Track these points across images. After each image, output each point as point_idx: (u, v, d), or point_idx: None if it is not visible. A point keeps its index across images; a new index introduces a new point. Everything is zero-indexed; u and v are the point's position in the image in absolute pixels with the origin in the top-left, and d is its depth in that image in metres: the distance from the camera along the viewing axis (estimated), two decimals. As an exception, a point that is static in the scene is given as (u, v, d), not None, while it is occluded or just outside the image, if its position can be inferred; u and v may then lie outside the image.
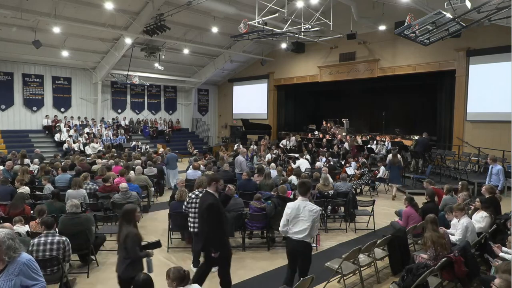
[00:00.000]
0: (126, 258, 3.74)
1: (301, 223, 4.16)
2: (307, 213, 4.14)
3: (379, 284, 5.18)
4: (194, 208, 5.33)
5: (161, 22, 14.28)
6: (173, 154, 11.92)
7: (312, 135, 18.59)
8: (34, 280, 2.78)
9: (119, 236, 3.81)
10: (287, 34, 14.08)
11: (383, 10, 14.64)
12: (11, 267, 2.71)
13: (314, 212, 4.15)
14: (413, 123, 17.56)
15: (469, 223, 5.28)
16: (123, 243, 3.74)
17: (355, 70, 17.47)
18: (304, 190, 4.30)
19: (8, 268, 2.70)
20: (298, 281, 3.80)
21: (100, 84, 19.04)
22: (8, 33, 14.42)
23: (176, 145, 20.32)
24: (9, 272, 2.70)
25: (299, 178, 8.48)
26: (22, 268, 2.72)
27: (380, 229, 7.46)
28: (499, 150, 12.22)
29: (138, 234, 3.82)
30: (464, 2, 7.49)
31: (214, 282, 5.24)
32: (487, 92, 13.43)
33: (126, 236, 3.71)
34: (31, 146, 15.85)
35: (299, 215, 4.18)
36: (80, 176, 8.01)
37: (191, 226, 5.39)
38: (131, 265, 3.73)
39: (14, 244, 2.71)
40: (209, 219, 4.32)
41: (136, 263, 3.76)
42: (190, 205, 5.41)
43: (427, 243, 4.76)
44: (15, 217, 5.42)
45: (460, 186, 7.37)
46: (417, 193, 10.02)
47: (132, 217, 3.89)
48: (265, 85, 21.93)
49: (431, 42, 9.08)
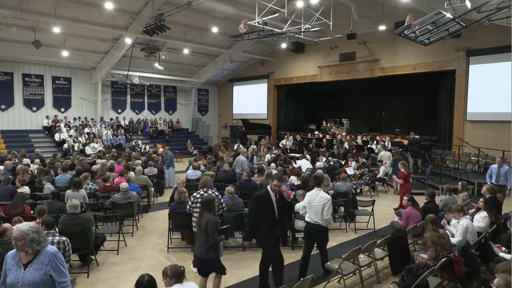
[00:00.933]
0: (207, 242, 4.22)
1: (314, 208, 4.97)
2: (319, 199, 4.94)
3: (379, 284, 5.18)
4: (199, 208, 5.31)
5: (161, 22, 14.28)
6: (171, 153, 12.18)
7: (312, 135, 18.60)
8: (61, 273, 2.90)
9: (200, 223, 4.32)
10: (287, 34, 14.08)
11: (383, 10, 14.64)
12: (40, 257, 2.83)
13: (324, 199, 4.94)
14: (413, 123, 17.55)
15: (468, 224, 5.28)
16: (204, 228, 4.23)
17: (355, 70, 17.47)
18: (317, 182, 5.20)
19: (38, 258, 2.82)
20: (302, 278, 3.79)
21: (100, 84, 19.04)
22: (8, 33, 14.42)
23: (176, 145, 20.32)
24: (39, 261, 2.82)
25: (299, 178, 8.48)
26: (51, 258, 2.86)
27: (380, 229, 7.46)
28: (499, 150, 12.22)
29: (217, 221, 4.40)
30: (464, 2, 7.49)
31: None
32: (487, 92, 13.43)
33: (207, 222, 4.22)
34: (31, 146, 15.85)
35: (313, 201, 5.00)
36: (80, 176, 8.02)
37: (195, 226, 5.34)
38: (212, 248, 4.26)
39: (38, 237, 2.83)
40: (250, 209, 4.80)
41: (215, 246, 4.31)
42: (195, 205, 5.37)
43: (427, 243, 4.76)
44: (15, 217, 5.41)
45: (460, 186, 7.37)
46: (417, 193, 10.02)
47: (212, 206, 4.46)
48: (265, 85, 21.94)
49: (431, 42, 9.08)
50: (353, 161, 11.84)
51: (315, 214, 4.96)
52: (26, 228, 2.81)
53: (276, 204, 4.60)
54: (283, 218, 4.83)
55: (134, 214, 7.29)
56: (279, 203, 4.65)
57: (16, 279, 2.76)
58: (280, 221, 4.70)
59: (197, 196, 5.42)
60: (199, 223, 4.37)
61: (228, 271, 5.51)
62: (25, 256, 2.83)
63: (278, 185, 4.58)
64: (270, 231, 4.61)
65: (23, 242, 2.78)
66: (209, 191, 5.44)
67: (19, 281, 2.76)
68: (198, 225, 4.39)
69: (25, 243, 2.78)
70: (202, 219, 4.33)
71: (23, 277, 2.76)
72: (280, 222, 4.69)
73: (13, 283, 2.76)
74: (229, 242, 6.76)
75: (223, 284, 5.13)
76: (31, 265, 2.80)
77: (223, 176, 9.56)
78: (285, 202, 4.90)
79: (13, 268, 2.81)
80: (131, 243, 6.67)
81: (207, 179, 5.69)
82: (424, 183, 11.46)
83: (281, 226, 4.79)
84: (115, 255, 6.14)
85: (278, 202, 4.64)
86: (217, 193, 5.62)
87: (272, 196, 4.61)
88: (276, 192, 4.62)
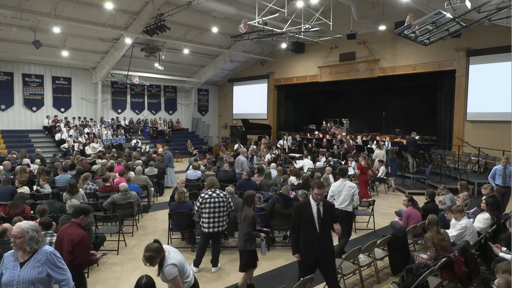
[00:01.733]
0: (245, 234, 4.51)
1: (342, 196, 5.71)
2: (347, 188, 5.71)
3: (379, 284, 5.18)
4: (208, 208, 5.30)
5: (161, 22, 14.28)
6: (170, 153, 12.22)
7: (312, 135, 18.60)
8: (61, 271, 2.91)
9: (240, 216, 4.62)
10: (287, 34, 14.06)
11: (383, 10, 14.64)
12: (37, 256, 2.85)
13: (352, 188, 5.73)
14: (413, 123, 17.56)
15: (469, 224, 5.28)
16: (243, 221, 4.51)
17: (355, 70, 17.47)
18: (343, 174, 5.93)
19: (34, 257, 2.84)
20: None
21: (100, 84, 19.04)
22: (8, 33, 14.42)
23: (176, 145, 20.32)
24: (36, 260, 2.84)
25: (298, 178, 8.49)
26: (48, 257, 2.86)
27: (380, 229, 7.46)
28: (499, 150, 12.23)
29: (254, 216, 4.61)
30: (464, 2, 7.50)
31: (214, 282, 5.26)
32: (487, 92, 13.43)
33: (245, 216, 4.52)
34: (31, 146, 15.86)
35: (341, 191, 5.74)
36: (80, 176, 8.01)
37: (206, 227, 5.31)
38: (248, 240, 4.55)
39: (37, 236, 2.86)
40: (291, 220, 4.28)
41: (251, 239, 4.58)
42: (203, 205, 5.32)
43: (427, 243, 4.75)
44: (15, 217, 5.41)
45: (460, 186, 7.37)
46: (417, 193, 10.03)
47: (251, 201, 4.71)
48: (265, 85, 21.94)
49: (431, 42, 9.09)
50: (353, 161, 11.83)
51: (343, 201, 5.67)
52: (26, 226, 2.84)
53: (317, 216, 3.95)
54: (326, 234, 4.02)
55: (134, 214, 7.29)
56: (323, 216, 3.97)
57: (12, 277, 2.78)
58: (322, 238, 3.96)
59: (205, 196, 5.37)
60: (239, 217, 4.63)
61: (228, 271, 5.54)
62: (22, 255, 2.85)
63: (319, 194, 3.94)
64: (305, 248, 3.99)
65: (22, 240, 2.80)
66: (217, 191, 5.43)
67: (15, 279, 2.78)
68: (239, 218, 4.66)
69: (24, 241, 2.80)
70: (242, 212, 4.60)
71: (18, 275, 2.78)
72: (321, 239, 3.95)
73: (9, 282, 2.78)
74: (229, 242, 6.77)
75: (224, 283, 5.15)
76: (28, 263, 2.82)
77: (223, 176, 9.56)
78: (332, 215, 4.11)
79: (9, 267, 2.83)
80: (131, 243, 6.68)
81: (214, 179, 5.67)
82: (424, 183, 11.46)
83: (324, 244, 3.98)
84: (115, 255, 6.15)
85: (321, 215, 3.95)
86: (225, 193, 5.60)
87: (314, 207, 3.98)
88: (319, 202, 3.98)
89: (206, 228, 5.31)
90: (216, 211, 5.31)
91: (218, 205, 5.32)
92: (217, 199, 5.33)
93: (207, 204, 5.30)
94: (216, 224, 5.31)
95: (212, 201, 5.31)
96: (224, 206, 5.39)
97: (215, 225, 5.31)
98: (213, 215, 5.29)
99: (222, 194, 5.43)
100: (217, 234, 5.42)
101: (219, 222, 5.34)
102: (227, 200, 5.46)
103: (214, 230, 5.31)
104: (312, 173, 9.94)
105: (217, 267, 5.56)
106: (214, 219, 5.30)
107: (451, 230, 5.36)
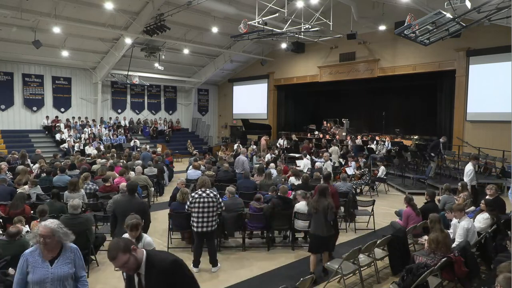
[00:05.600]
0: (327, 221, 5.11)
1: None
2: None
3: (379, 284, 5.18)
4: (197, 208, 5.32)
5: (161, 22, 14.28)
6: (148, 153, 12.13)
7: (312, 135, 18.60)
8: (82, 268, 3.01)
9: (318, 206, 5.10)
10: (287, 34, 14.06)
11: (383, 10, 14.64)
12: (66, 252, 2.91)
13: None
14: (413, 123, 17.57)
15: (469, 225, 5.27)
16: (324, 210, 5.06)
17: (355, 70, 17.47)
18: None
19: (63, 253, 2.90)
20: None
21: (100, 84, 19.03)
22: (8, 33, 14.42)
23: (176, 145, 20.33)
24: (65, 256, 2.91)
25: (298, 178, 8.49)
26: (76, 252, 2.96)
27: (380, 229, 7.46)
28: (499, 150, 12.23)
29: (333, 203, 5.21)
30: (464, 2, 7.50)
31: (214, 282, 5.26)
32: (487, 92, 13.42)
33: (328, 205, 5.08)
34: (31, 146, 15.86)
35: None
36: (81, 176, 8.00)
37: (195, 226, 5.36)
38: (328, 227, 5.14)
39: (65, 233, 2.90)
40: None
41: (335, 224, 5.49)
42: (193, 205, 5.37)
43: (431, 245, 4.73)
44: (15, 217, 5.42)
45: (460, 186, 7.36)
46: (417, 193, 10.03)
47: (327, 192, 5.26)
48: (265, 85, 21.93)
49: (431, 42, 9.08)
50: (353, 161, 11.84)
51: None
52: (54, 225, 2.84)
53: None
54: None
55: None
56: None
57: (45, 275, 2.80)
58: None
59: (195, 196, 5.40)
60: (317, 207, 5.10)
61: (228, 271, 5.54)
62: (47, 253, 2.85)
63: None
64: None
65: (52, 239, 2.81)
66: (207, 191, 5.44)
67: (48, 276, 2.80)
68: (316, 208, 5.11)
69: (55, 239, 2.82)
70: (320, 203, 5.10)
71: (52, 273, 2.81)
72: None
73: (42, 280, 2.79)
74: (229, 242, 6.77)
75: (224, 284, 5.16)
76: (58, 260, 2.85)
77: (223, 176, 9.56)
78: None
79: (38, 265, 2.82)
80: (131, 243, 6.66)
81: (205, 179, 5.69)
82: (424, 183, 11.46)
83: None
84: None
85: None
86: (216, 193, 5.61)
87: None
88: None
89: (196, 227, 5.36)
90: (205, 211, 5.32)
91: (207, 205, 5.33)
92: (207, 199, 5.34)
93: (197, 203, 5.32)
94: (205, 224, 5.33)
95: (202, 201, 5.32)
96: (214, 206, 5.40)
97: (204, 225, 5.32)
98: (202, 214, 5.31)
99: (212, 194, 5.43)
100: (208, 234, 5.43)
101: (208, 222, 5.35)
102: (217, 200, 5.47)
103: (203, 230, 5.33)
104: (311, 173, 9.94)
105: (217, 267, 5.56)
106: (203, 218, 5.32)
107: (456, 235, 5.33)
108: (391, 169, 12.96)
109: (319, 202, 5.14)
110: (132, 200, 5.16)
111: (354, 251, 4.78)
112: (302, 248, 6.53)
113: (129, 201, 5.15)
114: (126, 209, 4.77)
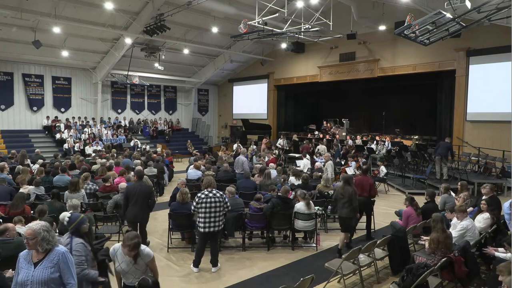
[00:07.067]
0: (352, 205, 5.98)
1: None
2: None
3: (379, 284, 5.18)
4: (204, 208, 5.30)
5: (161, 22, 14.28)
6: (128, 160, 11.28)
7: (312, 135, 18.60)
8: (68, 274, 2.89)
9: (344, 193, 5.98)
10: (287, 34, 14.06)
11: (383, 10, 14.65)
12: (50, 256, 2.86)
13: None
14: (413, 123, 17.56)
15: (469, 225, 5.27)
16: (349, 196, 5.93)
17: (355, 70, 17.47)
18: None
19: (48, 257, 2.86)
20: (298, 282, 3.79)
21: (100, 84, 19.03)
22: (8, 33, 14.41)
23: (176, 145, 20.34)
24: (49, 260, 2.85)
25: (297, 178, 8.49)
26: (60, 257, 2.88)
27: (380, 229, 7.46)
28: (499, 150, 12.23)
29: (356, 190, 6.12)
30: (464, 2, 7.49)
31: (214, 282, 5.26)
32: (487, 92, 13.42)
33: (352, 191, 5.97)
34: (31, 146, 15.86)
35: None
36: (81, 176, 7.98)
37: (202, 227, 5.32)
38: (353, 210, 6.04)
39: (49, 236, 2.86)
40: None
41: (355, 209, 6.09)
42: (200, 205, 5.32)
43: (431, 245, 4.73)
44: (15, 217, 5.41)
45: (460, 186, 7.36)
46: (417, 193, 10.03)
47: (351, 181, 6.14)
48: (265, 85, 21.94)
49: (431, 42, 9.08)
50: (353, 161, 11.84)
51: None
52: (38, 227, 2.85)
53: None
54: None
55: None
56: None
57: (26, 277, 2.80)
58: None
59: (202, 196, 5.36)
60: (343, 193, 5.98)
61: (228, 271, 5.55)
62: (36, 255, 2.87)
63: None
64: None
65: (35, 241, 2.82)
66: (214, 191, 5.42)
67: (29, 279, 2.80)
68: (342, 194, 5.99)
69: (37, 241, 2.82)
70: (346, 190, 5.97)
71: (32, 275, 2.80)
72: None
73: (24, 281, 2.80)
74: (229, 242, 6.77)
75: (224, 284, 5.16)
76: (41, 263, 2.84)
77: (223, 176, 9.56)
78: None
79: (24, 266, 2.85)
80: (131, 243, 6.66)
81: (211, 179, 5.66)
82: (424, 183, 11.47)
83: None
84: (115, 255, 6.13)
85: None
86: (222, 192, 5.59)
87: None
88: None
89: (202, 228, 5.32)
90: (212, 211, 5.31)
91: (214, 205, 5.31)
92: (214, 199, 5.33)
93: (203, 204, 5.30)
94: (212, 224, 5.31)
95: (209, 201, 5.30)
96: (221, 206, 5.39)
97: (211, 225, 5.31)
98: (209, 215, 5.29)
99: (219, 194, 5.42)
100: (214, 234, 5.42)
101: (215, 222, 5.34)
102: (224, 200, 5.45)
103: (210, 230, 5.31)
104: (311, 173, 9.94)
105: (217, 267, 5.56)
106: (210, 219, 5.30)
107: (452, 231, 5.35)
108: (391, 169, 12.96)
109: (345, 189, 5.97)
110: (141, 184, 6.23)
111: (354, 251, 4.78)
112: (302, 248, 6.53)
113: (138, 185, 6.16)
114: (136, 190, 6.02)
